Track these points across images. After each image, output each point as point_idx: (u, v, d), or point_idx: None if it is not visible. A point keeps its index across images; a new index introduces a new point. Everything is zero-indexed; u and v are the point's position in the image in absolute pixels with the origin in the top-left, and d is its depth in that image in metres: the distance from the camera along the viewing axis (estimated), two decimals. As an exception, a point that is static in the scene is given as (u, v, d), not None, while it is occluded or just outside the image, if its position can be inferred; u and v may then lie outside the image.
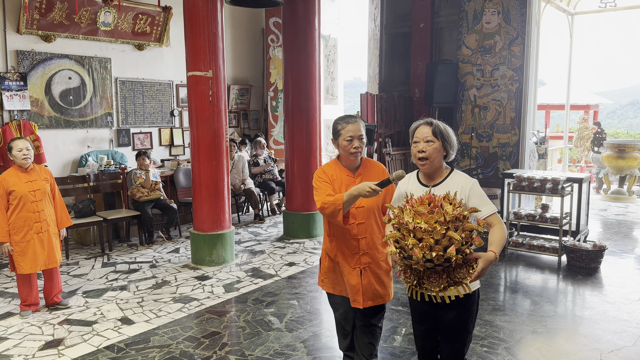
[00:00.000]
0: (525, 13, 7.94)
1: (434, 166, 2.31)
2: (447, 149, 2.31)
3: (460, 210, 1.96)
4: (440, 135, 2.29)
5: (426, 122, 2.34)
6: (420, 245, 1.89)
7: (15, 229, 4.07)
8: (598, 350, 3.53)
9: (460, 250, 1.91)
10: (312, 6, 6.59)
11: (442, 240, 1.89)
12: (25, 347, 3.65)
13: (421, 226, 1.87)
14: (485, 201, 2.26)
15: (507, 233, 2.29)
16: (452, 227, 1.90)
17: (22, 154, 4.05)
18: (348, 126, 2.66)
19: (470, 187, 2.27)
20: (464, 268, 1.99)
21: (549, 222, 5.67)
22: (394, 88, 9.49)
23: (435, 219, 1.89)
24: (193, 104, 5.49)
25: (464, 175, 2.32)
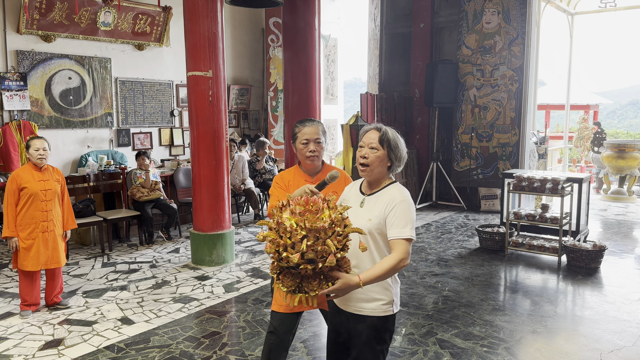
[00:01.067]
0: (525, 13, 7.95)
1: (374, 175, 2.14)
2: (392, 159, 2.14)
3: (335, 216, 1.80)
4: (387, 144, 2.11)
5: (376, 128, 2.17)
6: (280, 242, 1.76)
7: (22, 226, 4.10)
8: (598, 351, 3.53)
9: (314, 261, 1.75)
10: (312, 6, 6.59)
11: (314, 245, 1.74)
12: (25, 347, 3.65)
13: (285, 224, 1.76)
14: (403, 222, 2.02)
15: (397, 268, 2.00)
16: (322, 235, 1.75)
17: (38, 154, 4.10)
18: (304, 129, 2.59)
19: (398, 202, 2.05)
20: (317, 280, 1.83)
21: (549, 222, 5.67)
22: (394, 88, 9.49)
23: (299, 221, 1.77)
24: (193, 104, 5.49)
25: (401, 191, 2.11)
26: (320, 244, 1.75)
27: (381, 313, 2.11)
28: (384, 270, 1.96)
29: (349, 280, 1.87)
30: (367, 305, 2.10)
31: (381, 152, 2.11)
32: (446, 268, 5.41)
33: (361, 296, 2.09)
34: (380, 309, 2.11)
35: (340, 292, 1.89)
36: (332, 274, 1.84)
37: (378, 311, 2.11)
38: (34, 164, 4.15)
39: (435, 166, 8.64)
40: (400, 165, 2.20)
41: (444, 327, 3.92)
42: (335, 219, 1.80)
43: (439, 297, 4.57)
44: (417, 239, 6.68)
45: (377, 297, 2.10)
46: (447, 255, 5.89)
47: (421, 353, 3.50)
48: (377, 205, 2.09)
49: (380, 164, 2.12)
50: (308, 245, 1.73)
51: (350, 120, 7.58)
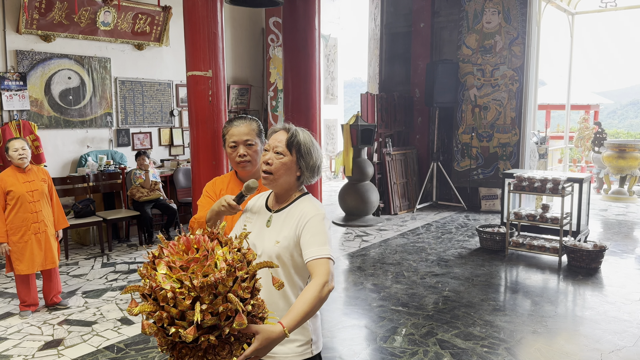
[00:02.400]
0: (526, 13, 7.94)
1: (280, 185, 1.77)
2: (302, 168, 1.76)
3: (232, 257, 1.33)
4: (297, 149, 1.74)
5: (284, 128, 1.79)
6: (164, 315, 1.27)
7: (12, 230, 4.06)
8: (598, 351, 3.52)
9: (217, 327, 1.28)
10: (312, 6, 6.58)
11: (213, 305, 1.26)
12: (25, 348, 3.64)
13: (164, 288, 1.25)
14: (320, 240, 1.65)
15: (323, 297, 1.56)
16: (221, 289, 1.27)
17: (17, 154, 4.04)
18: (232, 129, 2.18)
19: (311, 218, 1.69)
20: (227, 349, 1.35)
21: (550, 222, 5.66)
22: (394, 88, 9.48)
23: (182, 277, 1.26)
24: (193, 104, 5.49)
25: (314, 205, 1.75)
26: (221, 301, 1.26)
27: (301, 356, 1.75)
28: (309, 303, 1.54)
29: (269, 333, 1.42)
30: (280, 350, 1.72)
31: (288, 158, 1.74)
32: (446, 268, 5.40)
33: None
34: (296, 352, 1.75)
35: (262, 351, 1.42)
36: (247, 331, 1.38)
37: (293, 355, 1.74)
38: (16, 165, 4.09)
39: (436, 166, 8.63)
40: (313, 177, 1.79)
41: (444, 327, 3.91)
42: (233, 261, 1.32)
43: (439, 297, 4.56)
44: (417, 239, 6.67)
45: (292, 339, 1.71)
46: (448, 256, 5.88)
47: (421, 353, 3.49)
48: (287, 224, 1.72)
49: (286, 172, 1.75)
50: (203, 310, 1.24)
51: (350, 120, 7.58)
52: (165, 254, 1.33)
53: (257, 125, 2.23)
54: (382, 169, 8.28)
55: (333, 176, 12.44)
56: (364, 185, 7.49)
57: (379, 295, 4.60)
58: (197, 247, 1.34)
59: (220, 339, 1.31)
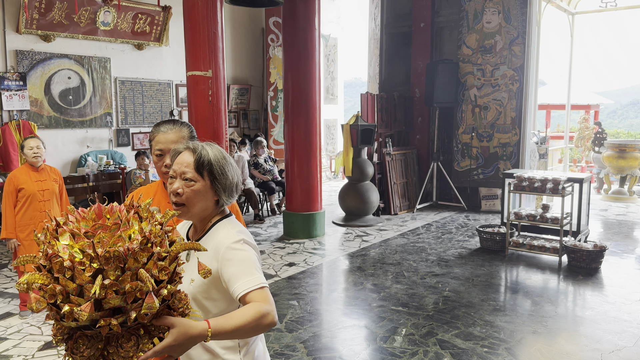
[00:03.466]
0: (526, 13, 7.94)
1: (197, 215, 1.51)
2: (219, 191, 1.50)
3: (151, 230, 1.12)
4: (208, 171, 1.47)
5: (188, 148, 1.50)
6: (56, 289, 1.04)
7: (21, 227, 4.10)
8: (599, 351, 3.51)
9: (122, 310, 1.06)
10: (312, 6, 6.58)
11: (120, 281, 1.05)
12: (25, 348, 3.64)
13: (62, 256, 1.04)
14: (246, 269, 1.41)
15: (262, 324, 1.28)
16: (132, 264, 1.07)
17: (32, 152, 4.09)
18: (158, 135, 1.89)
19: (226, 247, 1.44)
20: (133, 340, 1.11)
21: (550, 222, 5.66)
22: (394, 88, 9.48)
23: (86, 246, 1.05)
24: (193, 104, 5.49)
25: (228, 230, 1.50)
26: (129, 279, 1.05)
27: None
28: (246, 320, 1.29)
29: (188, 328, 1.18)
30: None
31: (200, 183, 1.47)
32: (446, 268, 5.40)
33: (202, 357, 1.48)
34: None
35: (177, 349, 1.17)
36: (160, 323, 1.14)
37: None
38: (30, 164, 4.14)
39: (436, 166, 8.63)
40: (232, 197, 1.54)
41: (444, 327, 3.91)
42: (151, 233, 1.12)
43: (440, 297, 4.56)
44: (417, 239, 6.67)
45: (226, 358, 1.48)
46: (448, 256, 5.88)
47: (421, 353, 3.48)
48: (202, 257, 1.44)
49: (202, 200, 1.48)
50: (105, 285, 1.02)
51: (350, 120, 7.57)
52: (70, 221, 1.12)
53: (189, 131, 1.94)
54: (382, 169, 8.28)
55: (333, 176, 12.44)
56: (364, 185, 7.49)
57: (379, 296, 4.59)
58: (109, 217, 1.13)
59: (125, 326, 1.08)
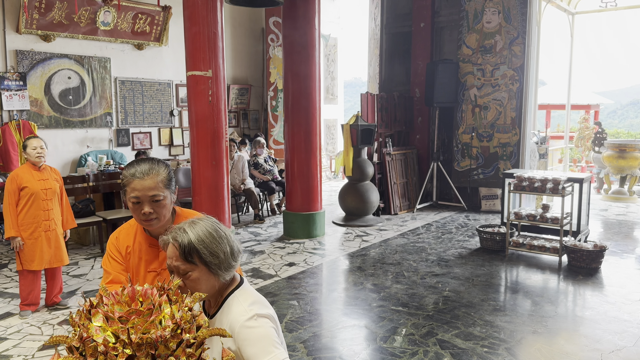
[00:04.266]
0: (526, 12, 7.93)
1: (208, 295, 1.49)
2: (215, 271, 1.46)
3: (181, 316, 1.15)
4: (198, 257, 1.43)
5: (171, 241, 1.46)
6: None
7: (23, 226, 4.10)
8: (599, 351, 3.51)
9: None
10: (312, 6, 6.58)
11: None
12: (25, 348, 3.64)
13: (96, 340, 1.06)
14: (264, 348, 1.40)
15: None
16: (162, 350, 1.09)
17: (36, 152, 4.09)
18: (134, 182, 1.74)
19: (240, 326, 1.42)
20: None
21: (550, 222, 5.66)
22: (394, 88, 9.48)
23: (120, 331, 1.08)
24: (193, 104, 5.48)
25: (241, 303, 1.48)
26: None
27: None
28: None
29: None
30: None
31: (196, 271, 1.43)
32: (447, 268, 5.40)
33: None
34: None
35: None
36: None
37: None
38: (32, 163, 4.15)
39: (436, 166, 8.63)
40: (230, 269, 1.49)
41: (444, 327, 3.91)
42: (181, 319, 1.14)
43: (440, 297, 4.56)
44: (417, 239, 6.67)
45: None
46: (448, 256, 5.88)
47: (421, 353, 3.48)
48: (217, 338, 1.38)
49: (205, 283, 1.46)
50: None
51: (350, 120, 7.57)
52: (104, 303, 1.14)
53: (166, 173, 1.79)
54: (382, 169, 8.28)
55: (333, 176, 12.43)
56: (364, 185, 7.49)
57: (379, 295, 4.59)
58: (142, 300, 1.15)
59: None
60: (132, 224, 1.90)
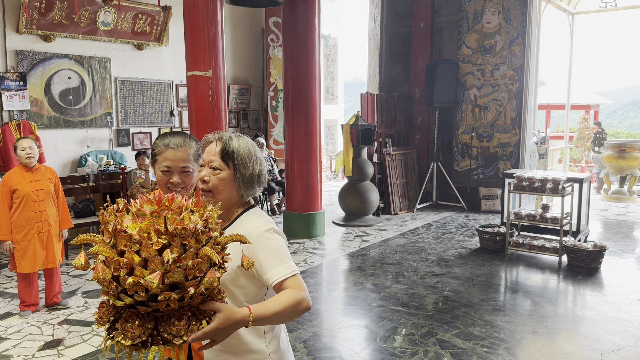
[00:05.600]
0: (526, 13, 7.94)
1: (222, 203, 1.56)
2: (239, 182, 1.57)
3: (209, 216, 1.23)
4: (233, 162, 1.56)
5: (218, 138, 1.59)
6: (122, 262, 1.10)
7: (16, 228, 4.08)
8: (599, 351, 3.52)
9: (180, 287, 1.13)
10: (312, 6, 6.58)
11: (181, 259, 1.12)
12: (25, 348, 3.64)
13: (130, 232, 1.11)
14: (278, 258, 1.49)
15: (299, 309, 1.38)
16: (192, 243, 1.15)
17: (25, 153, 4.06)
18: (167, 152, 1.86)
19: (257, 236, 1.51)
20: (185, 319, 1.17)
21: (550, 222, 5.66)
22: (394, 88, 9.48)
23: (154, 224, 1.13)
24: (193, 104, 5.49)
25: (257, 219, 1.58)
26: (191, 256, 1.12)
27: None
28: (284, 305, 1.38)
29: (233, 313, 1.25)
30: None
31: (226, 172, 1.56)
32: (446, 268, 5.40)
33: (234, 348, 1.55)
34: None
35: (221, 333, 1.23)
36: (207, 307, 1.22)
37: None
38: (23, 164, 4.11)
39: (436, 166, 8.63)
40: (251, 189, 1.59)
41: (444, 327, 3.91)
42: (209, 219, 1.21)
43: (439, 297, 4.56)
44: (417, 239, 6.67)
45: (254, 349, 1.56)
46: (448, 256, 5.88)
47: (421, 353, 3.49)
48: (230, 246, 1.41)
49: (226, 188, 1.56)
50: (173, 259, 1.10)
51: (350, 120, 7.58)
52: (133, 206, 1.18)
53: (197, 148, 1.92)
54: (382, 169, 8.28)
55: (333, 176, 12.44)
56: (364, 185, 7.49)
57: (379, 295, 4.60)
58: (168, 204, 1.20)
59: (182, 303, 1.14)
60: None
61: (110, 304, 1.19)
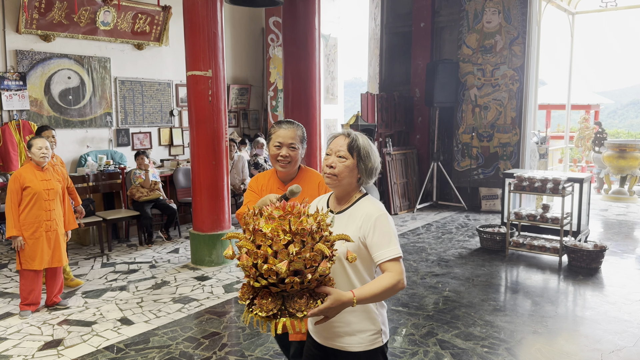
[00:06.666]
0: (526, 12, 7.93)
1: (343, 187, 1.90)
2: (362, 171, 1.89)
3: (321, 219, 1.59)
4: (357, 153, 1.88)
5: (345, 134, 1.93)
6: (259, 253, 1.51)
7: (25, 225, 4.10)
8: (599, 351, 3.51)
9: (301, 273, 1.51)
10: (312, 6, 6.57)
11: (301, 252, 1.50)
12: (25, 348, 3.63)
13: (264, 231, 1.52)
14: (387, 240, 1.79)
15: (395, 290, 1.75)
16: (309, 240, 1.53)
17: (41, 152, 4.10)
18: (279, 131, 2.40)
19: (375, 218, 1.81)
20: (305, 298, 1.56)
21: (550, 222, 5.65)
22: (394, 88, 9.48)
23: (281, 225, 1.53)
24: (193, 104, 5.48)
25: (376, 205, 1.88)
26: (308, 250, 1.50)
27: (370, 346, 1.87)
28: (382, 288, 1.71)
29: (340, 295, 1.61)
30: (351, 340, 1.85)
31: (350, 161, 1.87)
32: (447, 268, 5.39)
33: (344, 329, 1.85)
34: (368, 340, 1.86)
35: (332, 311, 1.61)
36: (320, 290, 1.59)
37: (366, 344, 1.86)
38: (36, 163, 4.15)
39: (436, 166, 8.62)
40: (371, 178, 1.93)
41: (444, 327, 3.90)
42: (321, 222, 1.58)
43: (440, 297, 4.55)
44: (417, 239, 6.66)
45: (364, 328, 1.86)
46: (448, 256, 5.87)
47: (421, 353, 3.48)
48: (351, 223, 1.84)
49: (349, 175, 1.88)
50: (295, 252, 1.48)
51: (350, 120, 7.57)
52: (265, 211, 1.59)
53: (302, 132, 2.46)
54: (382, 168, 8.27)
55: (333, 176, 12.41)
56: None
57: (379, 296, 4.59)
58: (290, 210, 1.59)
59: (302, 285, 1.52)
60: (267, 172, 2.58)
61: (250, 285, 1.59)
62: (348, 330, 1.85)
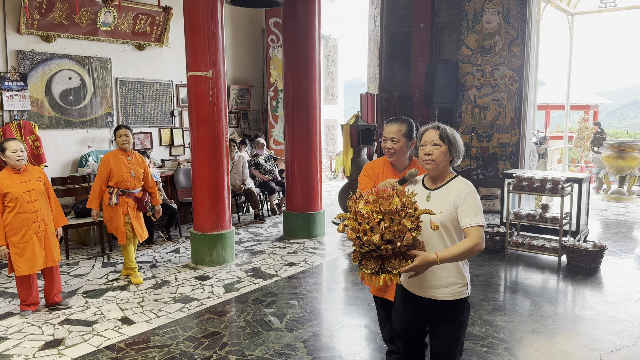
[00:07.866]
0: (525, 13, 7.95)
1: (439, 169, 2.32)
2: (453, 153, 2.33)
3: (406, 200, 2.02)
4: (447, 140, 2.30)
5: (434, 127, 2.36)
6: (360, 229, 1.99)
7: (13, 230, 4.04)
8: (598, 350, 3.53)
9: (392, 241, 1.97)
10: (312, 6, 6.59)
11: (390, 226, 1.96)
12: (26, 347, 3.65)
13: (362, 212, 1.99)
14: (475, 211, 2.21)
15: (473, 252, 2.18)
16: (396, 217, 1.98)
17: (16, 155, 4.03)
18: (386, 127, 2.90)
19: (467, 192, 2.25)
20: (398, 259, 2.04)
21: (549, 222, 5.67)
22: (394, 88, 9.49)
23: (374, 207, 1.99)
24: (193, 104, 5.50)
25: (467, 184, 2.31)
26: (396, 224, 1.95)
27: (458, 296, 2.28)
28: (461, 250, 2.13)
29: (426, 256, 2.06)
30: (444, 291, 2.27)
31: (444, 147, 2.29)
32: (446, 268, 5.41)
33: (438, 282, 2.27)
34: (457, 292, 2.28)
35: (420, 269, 2.07)
36: (410, 253, 2.04)
37: (455, 294, 2.28)
38: (12, 166, 4.07)
39: (435, 166, 8.63)
40: (459, 158, 2.38)
41: (444, 327, 3.91)
42: (406, 202, 2.02)
43: (439, 297, 4.57)
44: (417, 239, 6.68)
45: (454, 282, 2.27)
46: (447, 255, 5.88)
47: (421, 353, 3.49)
48: (447, 198, 2.26)
49: (444, 159, 2.30)
50: (385, 227, 1.94)
51: (350, 120, 7.58)
52: (363, 195, 2.06)
53: (407, 127, 2.85)
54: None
55: (333, 176, 12.45)
56: (364, 185, 7.49)
57: (379, 295, 4.60)
58: (383, 192, 2.04)
59: (394, 251, 1.99)
60: (380, 160, 3.02)
61: (357, 252, 2.09)
62: (442, 283, 2.26)
